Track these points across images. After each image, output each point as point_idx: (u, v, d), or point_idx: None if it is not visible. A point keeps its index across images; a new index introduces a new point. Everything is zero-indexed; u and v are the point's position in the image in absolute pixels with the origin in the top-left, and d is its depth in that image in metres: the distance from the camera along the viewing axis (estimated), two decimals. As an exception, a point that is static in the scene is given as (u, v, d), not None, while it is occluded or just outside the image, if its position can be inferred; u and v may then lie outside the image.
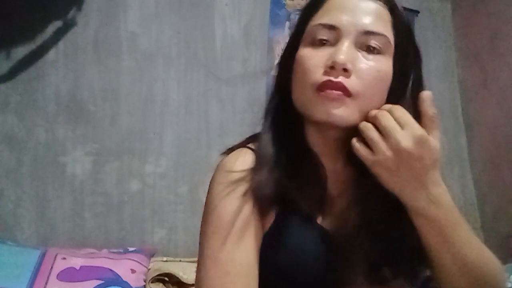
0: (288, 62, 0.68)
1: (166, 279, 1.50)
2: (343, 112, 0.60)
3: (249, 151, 0.67)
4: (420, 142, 0.57)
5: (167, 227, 1.76)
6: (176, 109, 1.83)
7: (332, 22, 0.63)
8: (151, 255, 1.62)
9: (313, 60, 0.63)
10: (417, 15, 2.14)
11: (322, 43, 0.63)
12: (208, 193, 0.66)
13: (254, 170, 0.64)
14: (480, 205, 2.09)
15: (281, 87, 0.70)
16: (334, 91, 0.60)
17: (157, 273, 1.50)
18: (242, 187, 0.62)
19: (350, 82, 0.60)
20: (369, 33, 0.62)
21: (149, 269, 1.54)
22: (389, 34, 0.64)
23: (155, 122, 1.80)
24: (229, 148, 0.70)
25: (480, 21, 2.11)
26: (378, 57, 0.63)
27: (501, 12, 2.00)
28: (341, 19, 0.63)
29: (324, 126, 0.63)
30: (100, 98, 1.75)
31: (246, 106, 1.87)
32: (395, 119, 0.58)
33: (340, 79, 0.60)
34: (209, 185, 0.66)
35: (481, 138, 2.11)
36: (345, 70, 0.60)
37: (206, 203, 0.65)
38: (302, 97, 0.64)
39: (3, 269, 1.34)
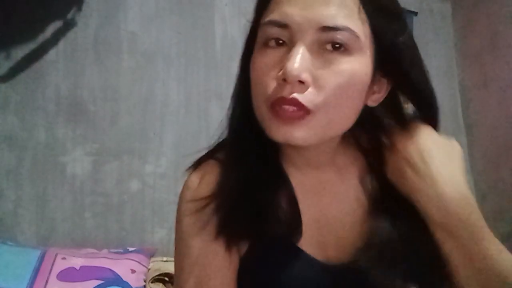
0: (246, 66, 0.57)
1: (166, 279, 1.50)
2: (303, 134, 0.51)
3: (216, 166, 0.61)
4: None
5: (167, 227, 1.76)
6: (176, 109, 1.83)
7: (281, 18, 0.51)
8: (151, 255, 1.61)
9: (265, 69, 0.52)
10: (415, 15, 2.14)
11: (277, 43, 0.52)
12: (177, 220, 0.61)
13: (217, 198, 0.57)
14: (480, 205, 2.09)
15: (242, 94, 0.59)
16: (288, 111, 0.50)
17: (157, 273, 1.50)
18: (212, 221, 0.56)
19: (307, 97, 0.50)
20: (328, 29, 0.50)
21: (149, 269, 1.54)
22: (355, 25, 0.50)
23: (155, 122, 1.80)
24: (197, 161, 0.64)
25: (480, 21, 2.11)
26: (343, 57, 0.51)
27: (501, 12, 2.00)
28: (292, 14, 0.50)
29: None
30: (100, 98, 1.75)
31: (246, 106, 1.87)
32: None
33: (295, 95, 0.49)
34: (178, 207, 0.62)
35: (481, 138, 2.11)
36: (300, 82, 0.49)
37: (176, 233, 0.61)
38: (257, 112, 0.54)
39: (3, 269, 1.34)
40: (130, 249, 1.60)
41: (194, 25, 1.90)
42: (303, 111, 0.50)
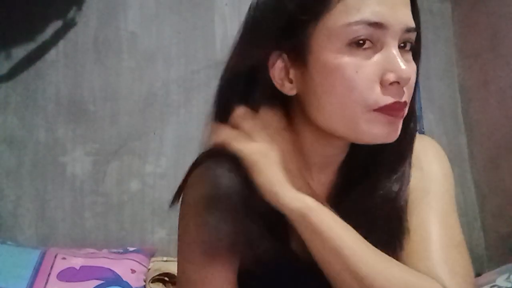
0: (295, 64, 0.54)
1: (166, 279, 1.50)
2: (399, 130, 0.52)
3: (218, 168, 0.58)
4: None
5: (167, 227, 1.76)
6: (176, 109, 1.83)
7: (377, 18, 0.49)
8: (151, 255, 1.61)
9: (363, 72, 0.49)
10: (416, 15, 2.14)
11: (358, 43, 0.49)
12: (181, 226, 0.61)
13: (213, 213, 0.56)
14: (480, 205, 2.09)
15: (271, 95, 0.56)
16: (399, 113, 0.51)
17: (157, 273, 1.50)
18: (213, 237, 0.57)
19: (407, 98, 0.51)
20: (410, 30, 0.51)
21: (149, 269, 1.54)
22: None
23: (155, 122, 1.80)
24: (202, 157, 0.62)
25: (480, 21, 2.11)
26: (411, 56, 0.53)
27: (501, 12, 2.00)
28: (385, 14, 0.49)
29: (340, 140, 0.56)
30: (100, 98, 1.75)
31: (246, 106, 1.87)
32: None
33: (404, 97, 0.50)
34: (184, 212, 0.61)
35: (481, 138, 2.11)
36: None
37: (182, 243, 0.61)
38: (345, 117, 0.51)
39: (3, 269, 1.34)
40: (130, 249, 1.60)
41: (194, 25, 1.90)
42: (405, 110, 0.52)
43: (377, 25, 0.49)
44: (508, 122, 1.95)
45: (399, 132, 0.52)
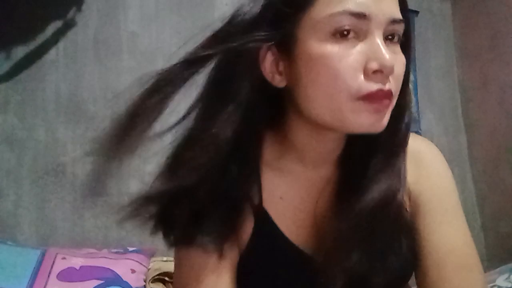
0: (281, 54, 0.55)
1: (166, 278, 1.50)
2: (387, 120, 0.52)
3: None
4: None
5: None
6: (176, 109, 1.83)
7: (361, 9, 0.49)
8: (151, 255, 1.61)
9: (346, 61, 0.49)
10: (416, 15, 2.14)
11: (342, 34, 0.50)
12: None
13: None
14: (480, 205, 2.09)
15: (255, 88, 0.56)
16: (384, 102, 0.51)
17: (157, 273, 1.50)
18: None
19: (393, 86, 0.51)
20: (396, 21, 0.51)
21: (149, 269, 1.54)
22: None
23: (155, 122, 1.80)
24: None
25: (480, 21, 2.11)
26: (398, 47, 0.53)
27: (501, 12, 2.00)
28: (369, 4, 0.49)
29: (333, 131, 0.56)
30: (100, 98, 1.75)
31: (246, 106, 1.87)
32: None
33: (389, 86, 0.50)
34: None
35: (481, 138, 2.11)
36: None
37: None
38: (330, 106, 0.51)
39: (3, 269, 1.34)
40: (130, 249, 1.60)
41: (194, 25, 1.90)
42: (391, 99, 0.52)
43: (360, 15, 0.49)
44: (508, 122, 1.95)
45: (385, 122, 0.52)
